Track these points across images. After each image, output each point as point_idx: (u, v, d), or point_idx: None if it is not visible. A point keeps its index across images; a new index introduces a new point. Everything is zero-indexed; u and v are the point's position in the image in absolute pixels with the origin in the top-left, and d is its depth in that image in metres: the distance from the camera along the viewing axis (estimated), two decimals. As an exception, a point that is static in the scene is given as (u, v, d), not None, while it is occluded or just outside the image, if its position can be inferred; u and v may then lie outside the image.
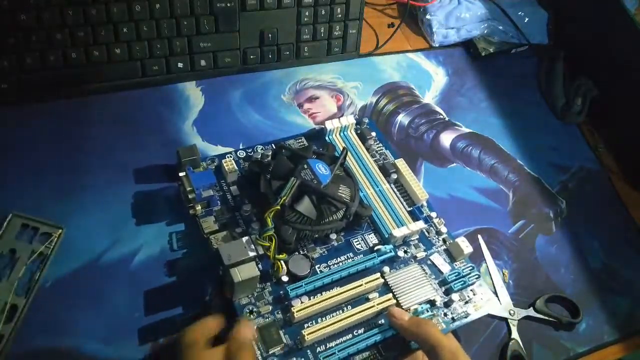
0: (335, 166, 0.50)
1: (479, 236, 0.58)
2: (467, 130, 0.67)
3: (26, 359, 0.43)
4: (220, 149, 0.57)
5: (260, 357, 0.43)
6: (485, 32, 0.74)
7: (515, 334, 0.52)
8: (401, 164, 0.56)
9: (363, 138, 0.58)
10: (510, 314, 0.53)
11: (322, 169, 0.49)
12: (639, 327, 0.57)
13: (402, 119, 0.65)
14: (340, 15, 0.64)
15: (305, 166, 0.49)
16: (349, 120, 0.57)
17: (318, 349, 0.44)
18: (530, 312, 0.54)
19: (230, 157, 0.53)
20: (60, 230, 0.48)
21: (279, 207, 0.46)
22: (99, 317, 0.46)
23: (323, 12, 0.63)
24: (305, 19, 0.62)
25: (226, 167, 0.51)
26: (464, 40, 0.74)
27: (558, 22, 0.77)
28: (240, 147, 0.56)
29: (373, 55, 0.70)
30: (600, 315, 0.56)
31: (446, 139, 0.65)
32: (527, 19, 0.75)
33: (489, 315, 0.51)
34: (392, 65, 0.70)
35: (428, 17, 0.72)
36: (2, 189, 0.50)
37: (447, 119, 0.67)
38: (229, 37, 0.60)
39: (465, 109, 0.69)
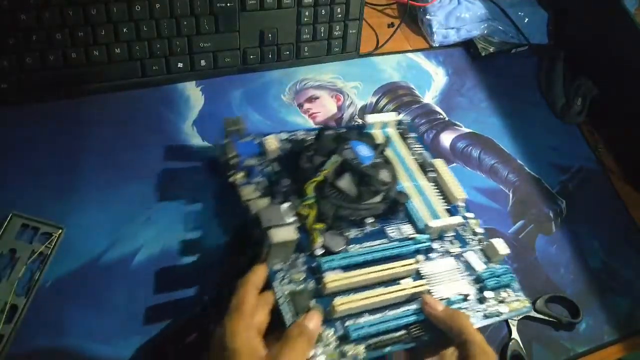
0: (377, 151, 0.51)
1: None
2: (467, 130, 0.67)
3: (26, 359, 0.43)
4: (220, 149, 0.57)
5: (288, 323, 0.41)
6: (485, 32, 0.74)
7: (515, 334, 0.52)
8: (440, 164, 0.56)
9: (403, 137, 0.58)
10: (510, 314, 0.53)
11: (364, 151, 0.49)
12: (639, 327, 0.57)
13: (402, 119, 0.65)
14: (340, 15, 0.64)
15: (348, 146, 0.49)
16: (390, 117, 0.57)
17: (347, 322, 0.43)
18: (531, 312, 0.54)
19: (273, 136, 0.53)
20: (60, 230, 0.48)
21: (320, 178, 0.46)
22: (99, 317, 0.46)
23: (323, 12, 0.63)
24: (305, 19, 0.62)
25: (268, 145, 0.51)
26: (464, 40, 0.74)
27: (558, 22, 0.77)
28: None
29: (373, 55, 0.70)
30: (600, 315, 0.56)
31: (446, 139, 0.65)
32: (527, 19, 0.75)
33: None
34: (392, 65, 0.70)
35: (428, 17, 0.72)
36: (2, 189, 0.50)
37: (447, 119, 0.67)
38: (229, 37, 0.60)
39: (465, 109, 0.69)
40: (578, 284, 0.58)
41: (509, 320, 0.53)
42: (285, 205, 0.45)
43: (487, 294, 0.48)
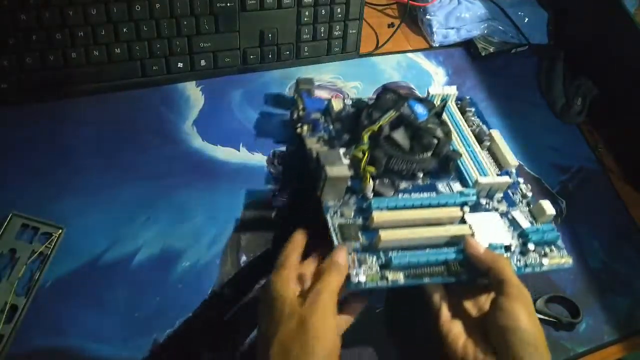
0: (434, 110, 0.54)
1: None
2: (467, 130, 0.67)
3: (26, 359, 0.43)
4: (220, 149, 0.57)
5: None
6: (485, 32, 0.74)
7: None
8: (496, 133, 0.58)
9: (462, 110, 0.60)
10: (510, 314, 0.53)
11: (420, 109, 0.52)
12: (639, 327, 0.57)
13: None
14: (340, 15, 0.64)
15: (405, 104, 0.52)
16: (451, 90, 0.59)
17: (390, 253, 0.45)
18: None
19: (339, 99, 0.58)
20: (60, 230, 0.48)
21: (375, 128, 0.50)
22: (99, 317, 0.46)
23: (323, 12, 0.63)
24: (305, 19, 0.62)
25: (333, 105, 0.56)
26: (464, 40, 0.74)
27: (558, 22, 0.77)
28: (241, 146, 0.57)
29: (373, 55, 0.70)
30: (600, 315, 0.56)
31: (446, 138, 0.65)
32: (527, 19, 0.75)
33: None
34: (392, 65, 0.70)
35: (428, 17, 0.72)
36: (2, 189, 0.50)
37: (447, 119, 0.67)
38: (229, 37, 0.60)
39: (465, 109, 0.69)
40: (578, 284, 0.58)
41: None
42: (342, 149, 0.51)
43: (530, 246, 0.50)
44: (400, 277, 0.45)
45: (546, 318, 0.54)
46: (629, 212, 0.66)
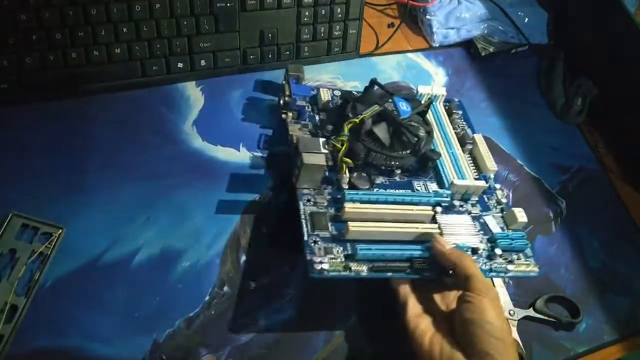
0: (417, 109, 0.54)
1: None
2: (467, 130, 0.67)
3: (26, 359, 0.43)
4: (220, 149, 0.57)
5: (305, 235, 0.46)
6: (485, 32, 0.74)
7: (515, 334, 0.52)
8: (479, 138, 0.58)
9: (449, 112, 0.61)
10: (510, 314, 0.53)
11: (404, 106, 0.53)
12: (639, 327, 0.57)
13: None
14: (340, 15, 0.64)
15: (390, 100, 0.53)
16: (440, 90, 0.60)
17: (357, 245, 0.46)
18: (530, 312, 0.54)
19: (327, 90, 0.58)
20: (60, 230, 0.48)
21: (357, 121, 0.51)
22: (99, 317, 0.46)
23: (323, 12, 0.63)
24: (305, 19, 0.62)
25: (321, 95, 0.57)
26: (464, 40, 0.74)
27: (558, 22, 0.77)
28: (241, 146, 0.57)
29: (373, 55, 0.70)
30: (600, 315, 0.56)
31: (446, 139, 0.65)
32: (527, 19, 0.75)
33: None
34: (392, 65, 0.70)
35: (428, 17, 0.72)
36: (2, 189, 0.50)
37: (447, 119, 0.67)
38: (229, 37, 0.60)
39: (465, 109, 0.69)
40: (578, 284, 0.58)
41: (509, 321, 0.53)
42: (322, 139, 0.50)
43: (497, 251, 0.49)
44: (363, 269, 0.45)
45: (546, 318, 0.54)
46: (629, 212, 0.66)
